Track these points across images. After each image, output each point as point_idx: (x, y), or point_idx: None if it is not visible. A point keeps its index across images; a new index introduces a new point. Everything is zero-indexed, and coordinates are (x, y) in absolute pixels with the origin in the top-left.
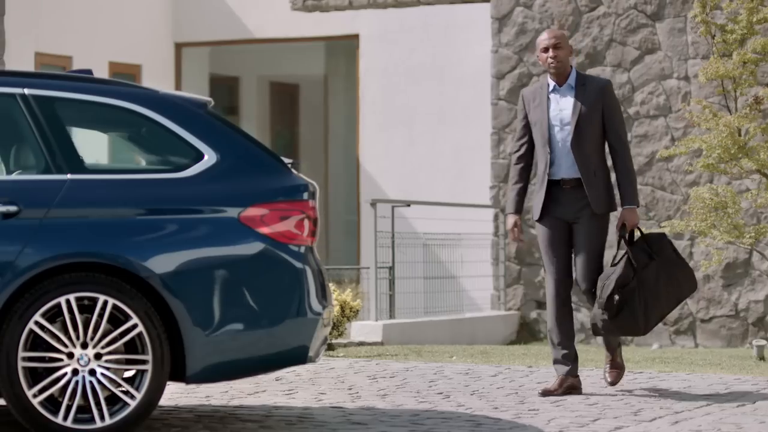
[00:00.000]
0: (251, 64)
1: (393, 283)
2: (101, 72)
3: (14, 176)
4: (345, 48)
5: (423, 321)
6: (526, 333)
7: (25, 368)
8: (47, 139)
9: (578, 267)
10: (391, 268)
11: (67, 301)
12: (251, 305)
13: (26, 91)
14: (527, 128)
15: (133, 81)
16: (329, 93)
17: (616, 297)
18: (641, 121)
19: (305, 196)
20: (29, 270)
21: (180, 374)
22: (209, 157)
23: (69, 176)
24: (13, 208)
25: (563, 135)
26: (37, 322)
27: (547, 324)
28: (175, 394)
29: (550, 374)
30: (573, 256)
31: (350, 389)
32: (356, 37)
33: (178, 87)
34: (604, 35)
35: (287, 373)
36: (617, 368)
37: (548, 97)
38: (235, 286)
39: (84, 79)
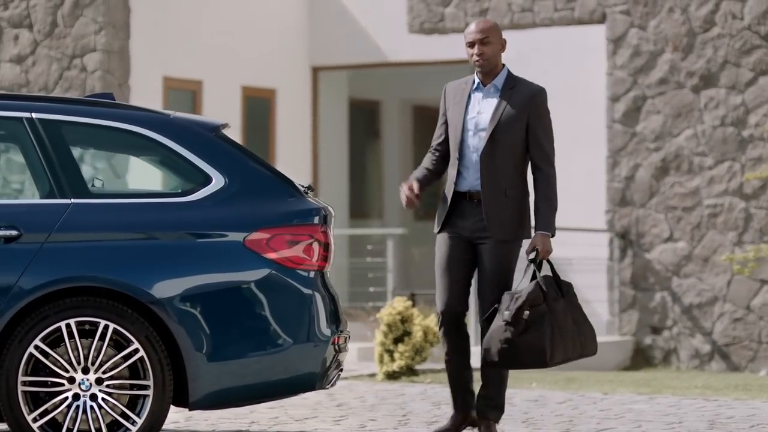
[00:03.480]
0: (392, 87)
1: None
2: (234, 97)
3: (16, 200)
4: None
5: None
6: (640, 359)
7: (25, 392)
8: (52, 164)
9: (479, 295)
10: None
11: (68, 326)
12: (256, 331)
13: (33, 115)
14: (444, 126)
15: (267, 105)
16: None
17: (527, 312)
18: (755, 144)
19: (315, 220)
20: (29, 294)
21: (185, 400)
22: (216, 181)
23: (72, 200)
24: (14, 233)
25: (476, 142)
26: (37, 347)
27: (444, 356)
28: (221, 419)
29: (622, 401)
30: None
31: (404, 416)
32: None
33: (315, 111)
34: (718, 56)
35: (354, 399)
36: None
37: (469, 96)
38: (239, 312)
39: (93, 103)
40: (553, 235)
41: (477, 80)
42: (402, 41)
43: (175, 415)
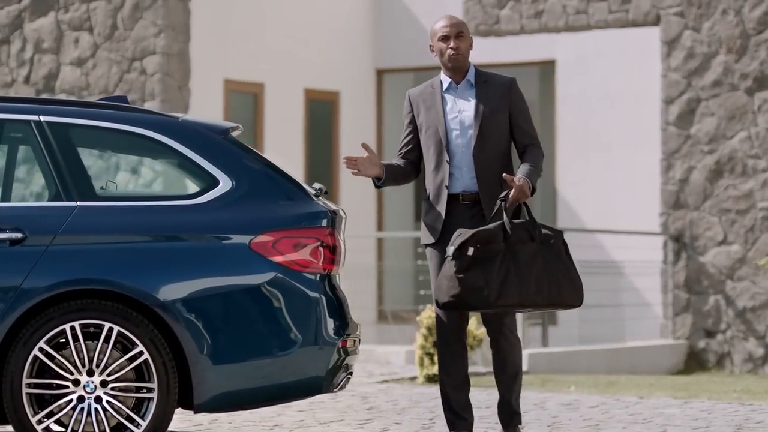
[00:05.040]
0: None
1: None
2: (296, 99)
3: (21, 203)
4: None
5: (575, 350)
6: (694, 363)
7: (29, 394)
8: (59, 166)
9: None
10: None
11: (72, 328)
12: (261, 334)
13: (42, 117)
14: (412, 134)
15: (331, 108)
16: (545, 118)
17: (471, 249)
18: None
19: (323, 223)
20: (34, 296)
21: (191, 402)
22: (224, 184)
23: (78, 203)
24: (18, 235)
25: (464, 141)
26: (41, 349)
27: (438, 368)
28: (246, 422)
29: (655, 406)
30: None
31: (430, 419)
32: (553, 62)
33: (379, 113)
34: None
35: (387, 402)
36: None
37: (443, 97)
38: (244, 315)
39: (101, 106)
40: (532, 191)
41: (448, 80)
42: None
43: (200, 417)
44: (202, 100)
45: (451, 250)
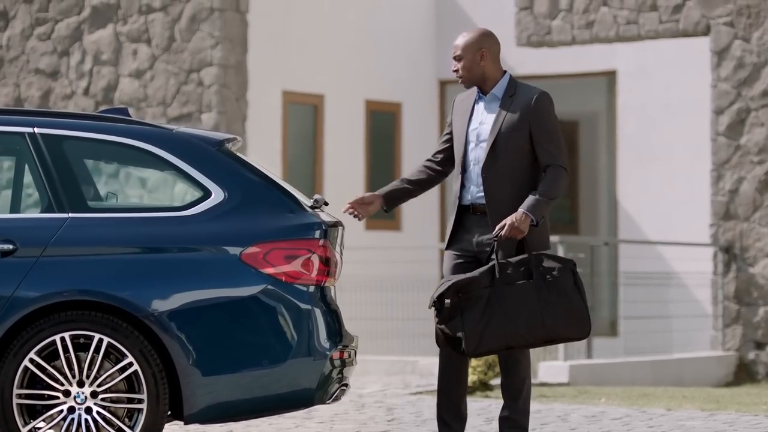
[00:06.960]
0: None
1: None
2: (357, 111)
3: (12, 215)
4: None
5: (619, 362)
6: (744, 374)
7: (20, 405)
8: (51, 178)
9: None
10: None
11: (62, 339)
12: (251, 345)
13: (36, 129)
14: (448, 143)
15: (393, 120)
16: (609, 128)
17: (447, 301)
18: None
19: (315, 234)
20: (24, 307)
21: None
22: (216, 196)
23: (69, 215)
24: (9, 247)
25: (477, 154)
26: (32, 360)
27: (437, 379)
28: None
29: (678, 418)
30: None
31: None
32: (614, 72)
33: (442, 125)
34: None
35: (411, 413)
36: None
37: (473, 107)
38: (234, 327)
39: (95, 118)
40: (535, 223)
41: (479, 90)
42: (526, 54)
43: (217, 428)
44: (259, 112)
45: (430, 301)
